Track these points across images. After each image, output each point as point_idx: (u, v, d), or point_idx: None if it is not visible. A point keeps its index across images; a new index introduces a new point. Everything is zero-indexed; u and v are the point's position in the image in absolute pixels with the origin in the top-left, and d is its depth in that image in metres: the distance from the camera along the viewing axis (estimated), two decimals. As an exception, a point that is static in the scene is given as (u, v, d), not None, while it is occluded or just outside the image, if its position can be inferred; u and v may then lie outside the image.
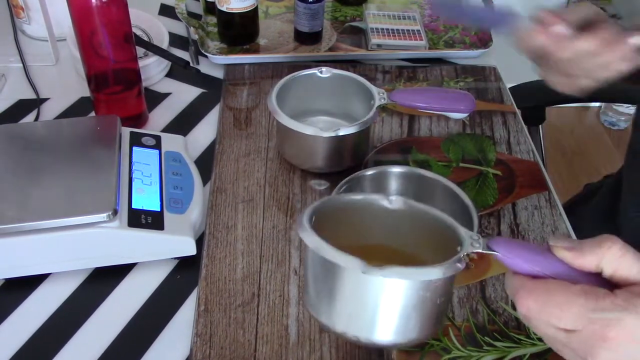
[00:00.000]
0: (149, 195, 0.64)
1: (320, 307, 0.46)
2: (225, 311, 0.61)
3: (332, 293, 0.45)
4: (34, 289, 0.63)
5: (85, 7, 0.68)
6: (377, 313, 0.44)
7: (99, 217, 0.59)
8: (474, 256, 0.67)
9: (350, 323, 0.45)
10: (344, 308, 0.45)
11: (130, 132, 0.71)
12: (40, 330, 0.59)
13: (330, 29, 0.99)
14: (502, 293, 0.64)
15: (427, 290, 0.43)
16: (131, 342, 0.59)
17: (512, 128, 0.84)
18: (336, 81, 0.77)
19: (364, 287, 0.43)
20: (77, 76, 0.89)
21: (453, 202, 0.63)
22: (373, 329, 0.45)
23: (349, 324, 0.45)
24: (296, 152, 0.74)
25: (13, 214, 0.58)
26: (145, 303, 0.62)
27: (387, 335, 0.45)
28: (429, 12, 1.04)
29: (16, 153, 0.65)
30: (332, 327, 0.46)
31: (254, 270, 0.65)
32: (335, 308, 0.45)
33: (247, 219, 0.70)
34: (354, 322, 0.45)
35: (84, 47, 0.72)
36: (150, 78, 0.88)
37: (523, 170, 0.78)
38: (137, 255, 0.63)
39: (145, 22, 0.93)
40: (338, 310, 0.45)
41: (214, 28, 0.96)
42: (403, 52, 0.95)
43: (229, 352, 0.58)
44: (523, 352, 0.59)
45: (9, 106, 0.85)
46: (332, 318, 0.46)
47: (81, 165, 0.64)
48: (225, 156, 0.77)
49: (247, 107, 0.85)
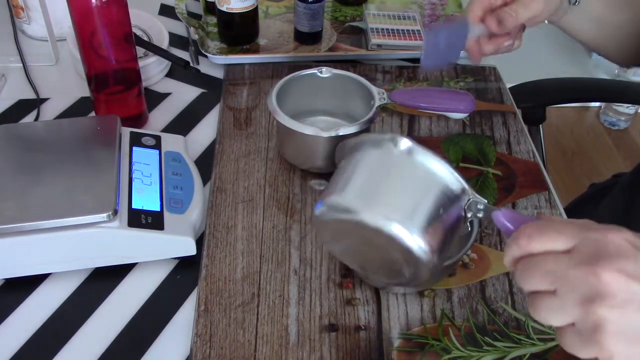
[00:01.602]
0: (149, 195, 0.64)
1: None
2: (225, 311, 0.61)
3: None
4: (34, 289, 0.63)
5: (85, 7, 0.68)
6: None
7: (99, 217, 0.59)
8: (474, 256, 0.67)
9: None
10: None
11: (130, 132, 0.71)
12: (40, 330, 0.59)
13: (330, 29, 0.99)
14: (502, 293, 0.64)
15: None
16: (131, 342, 0.59)
17: (512, 128, 0.84)
18: (336, 81, 0.77)
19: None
20: (77, 76, 0.89)
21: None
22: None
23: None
24: (296, 152, 0.74)
25: (13, 214, 0.58)
26: (145, 303, 0.62)
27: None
28: (429, 12, 1.04)
29: (16, 153, 0.65)
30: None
31: (254, 270, 0.65)
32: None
33: (247, 219, 0.70)
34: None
35: (84, 47, 0.72)
36: (150, 78, 0.88)
37: (523, 170, 0.78)
38: (137, 255, 0.63)
39: (145, 22, 0.93)
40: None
41: (214, 28, 0.96)
42: (403, 52, 0.95)
43: (229, 352, 0.58)
44: (523, 352, 0.59)
45: (9, 106, 0.85)
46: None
47: (81, 165, 0.64)
48: (225, 156, 0.77)
49: (247, 107, 0.85)
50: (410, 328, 0.60)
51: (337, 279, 0.64)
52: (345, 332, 0.60)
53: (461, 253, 0.58)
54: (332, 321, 0.60)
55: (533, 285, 0.40)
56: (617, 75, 2.22)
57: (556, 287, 0.38)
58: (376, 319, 0.61)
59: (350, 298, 0.62)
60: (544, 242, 0.40)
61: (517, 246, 0.41)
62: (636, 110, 2.19)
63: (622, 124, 2.19)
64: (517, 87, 1.09)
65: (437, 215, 0.48)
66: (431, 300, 0.63)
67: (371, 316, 0.61)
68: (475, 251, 0.67)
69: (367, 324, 0.60)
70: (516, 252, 0.41)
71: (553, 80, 1.12)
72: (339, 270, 0.65)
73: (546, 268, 0.39)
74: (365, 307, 0.62)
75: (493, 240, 0.69)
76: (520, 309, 0.62)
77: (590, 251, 0.38)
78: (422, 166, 0.48)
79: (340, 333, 0.59)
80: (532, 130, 1.11)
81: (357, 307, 0.62)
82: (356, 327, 0.60)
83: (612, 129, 2.20)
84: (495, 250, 0.68)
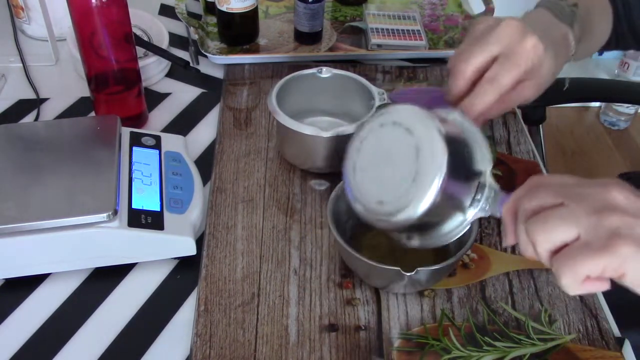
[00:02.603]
0: (149, 195, 0.64)
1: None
2: (225, 311, 0.61)
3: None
4: (34, 289, 0.63)
5: (85, 7, 0.68)
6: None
7: (99, 217, 0.59)
8: (474, 256, 0.67)
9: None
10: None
11: (130, 132, 0.71)
12: (40, 330, 0.59)
13: (330, 29, 0.99)
14: (502, 293, 0.64)
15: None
16: (131, 342, 0.59)
17: (512, 128, 0.84)
18: (336, 81, 0.77)
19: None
20: (77, 76, 0.89)
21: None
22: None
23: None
24: (296, 152, 0.74)
25: (13, 214, 0.58)
26: (145, 303, 0.62)
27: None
28: (429, 12, 1.04)
29: (16, 153, 0.65)
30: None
31: (254, 270, 0.65)
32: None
33: (247, 219, 0.70)
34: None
35: (84, 47, 0.72)
36: (150, 78, 0.88)
37: (523, 170, 0.78)
38: (137, 255, 0.63)
39: (145, 22, 0.93)
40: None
41: (214, 28, 0.96)
42: (403, 52, 0.95)
43: (229, 352, 0.58)
44: (523, 352, 0.59)
45: (9, 106, 0.85)
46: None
47: (81, 165, 0.64)
48: (225, 156, 0.77)
49: (247, 107, 0.85)
50: (410, 328, 0.60)
51: (337, 279, 0.64)
52: (345, 332, 0.60)
53: (461, 253, 0.58)
54: (332, 321, 0.60)
55: (541, 200, 0.40)
56: (617, 75, 2.22)
57: (566, 200, 0.39)
58: (376, 319, 0.61)
59: (350, 298, 0.62)
60: (552, 178, 0.42)
61: (527, 183, 0.43)
62: (636, 110, 2.19)
63: (622, 124, 2.19)
64: (517, 87, 1.09)
65: (457, 170, 0.48)
66: (431, 300, 0.63)
67: (371, 316, 0.61)
68: (475, 251, 0.67)
69: (367, 324, 0.60)
70: (524, 188, 0.43)
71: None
72: (339, 270, 0.65)
73: (555, 187, 0.41)
74: (365, 307, 0.62)
75: (493, 240, 0.69)
76: (520, 309, 0.62)
77: (599, 182, 0.40)
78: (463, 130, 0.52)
79: (340, 333, 0.59)
80: (532, 130, 1.11)
81: (357, 307, 0.62)
82: (356, 327, 0.60)
83: (612, 129, 2.20)
84: (495, 250, 0.68)
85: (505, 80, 0.55)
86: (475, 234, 0.59)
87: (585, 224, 0.38)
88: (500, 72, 0.55)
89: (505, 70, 0.55)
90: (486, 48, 0.56)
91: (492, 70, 0.55)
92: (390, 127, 0.51)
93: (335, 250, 0.66)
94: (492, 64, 0.56)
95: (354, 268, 0.63)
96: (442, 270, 0.58)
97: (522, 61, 0.55)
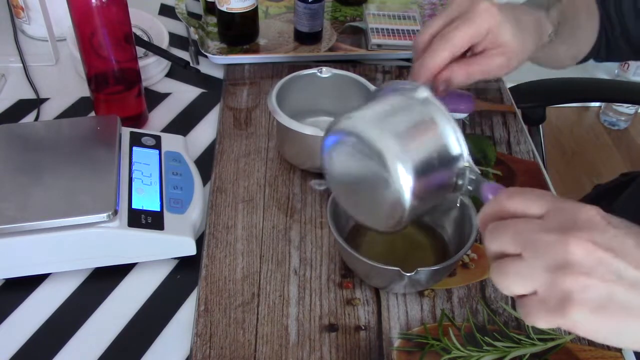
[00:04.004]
0: (149, 195, 0.64)
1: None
2: (225, 311, 0.61)
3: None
4: (34, 289, 0.63)
5: (85, 7, 0.68)
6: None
7: (99, 217, 0.59)
8: (474, 256, 0.67)
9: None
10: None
11: (130, 132, 0.71)
12: (40, 330, 0.59)
13: (330, 29, 0.99)
14: (502, 293, 0.64)
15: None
16: (131, 342, 0.59)
17: (512, 128, 0.84)
18: (336, 81, 0.77)
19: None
20: (77, 76, 0.89)
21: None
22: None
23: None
24: (296, 152, 0.74)
25: (13, 214, 0.58)
26: (145, 303, 0.62)
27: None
28: (429, 12, 1.04)
29: (16, 153, 0.65)
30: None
31: (254, 270, 0.65)
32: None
33: (247, 219, 0.70)
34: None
35: (84, 47, 0.72)
36: (150, 78, 0.88)
37: (523, 170, 0.78)
38: (137, 255, 0.63)
39: (145, 22, 0.93)
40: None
41: (214, 28, 0.96)
42: (403, 52, 0.95)
43: (229, 352, 0.58)
44: (523, 352, 0.59)
45: (9, 106, 0.85)
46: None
47: (81, 165, 0.64)
48: (225, 156, 0.77)
49: (247, 107, 0.85)
50: (410, 328, 0.60)
51: (337, 279, 0.64)
52: (345, 332, 0.60)
53: (461, 253, 0.58)
54: (332, 321, 0.60)
55: (501, 245, 0.40)
56: (617, 75, 2.22)
57: (524, 252, 0.39)
58: (376, 319, 0.61)
59: (350, 298, 0.62)
60: (522, 201, 0.41)
61: (496, 202, 0.42)
62: (636, 110, 2.19)
63: (622, 124, 2.19)
64: (517, 87, 1.09)
65: (430, 161, 0.48)
66: (431, 300, 0.63)
67: (371, 316, 0.61)
68: (475, 251, 0.67)
69: (367, 324, 0.60)
70: (494, 207, 0.42)
71: (553, 80, 1.13)
72: (339, 270, 0.65)
73: (517, 229, 0.39)
74: (365, 307, 0.62)
75: (493, 240, 0.69)
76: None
77: (562, 219, 0.38)
78: (430, 116, 0.50)
79: (340, 333, 0.59)
80: (532, 130, 1.11)
81: (357, 307, 0.62)
82: (356, 327, 0.60)
83: (612, 128, 2.20)
84: (495, 250, 0.68)
85: (457, 37, 0.56)
86: (475, 234, 0.59)
87: (541, 280, 0.38)
88: (451, 30, 0.57)
89: (456, 29, 0.56)
90: (442, 14, 0.58)
91: (445, 29, 0.57)
92: (349, 149, 0.51)
93: (335, 250, 0.66)
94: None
95: (354, 268, 0.63)
96: (442, 270, 0.59)
97: (473, 20, 0.56)
